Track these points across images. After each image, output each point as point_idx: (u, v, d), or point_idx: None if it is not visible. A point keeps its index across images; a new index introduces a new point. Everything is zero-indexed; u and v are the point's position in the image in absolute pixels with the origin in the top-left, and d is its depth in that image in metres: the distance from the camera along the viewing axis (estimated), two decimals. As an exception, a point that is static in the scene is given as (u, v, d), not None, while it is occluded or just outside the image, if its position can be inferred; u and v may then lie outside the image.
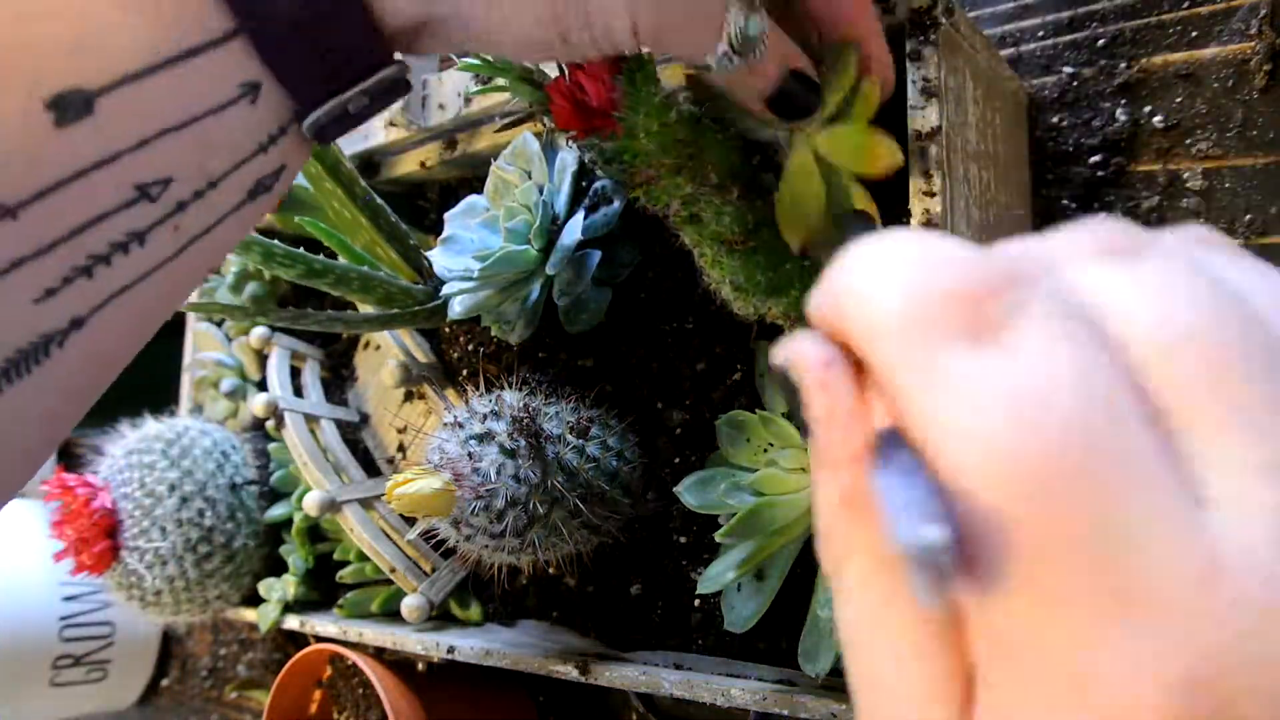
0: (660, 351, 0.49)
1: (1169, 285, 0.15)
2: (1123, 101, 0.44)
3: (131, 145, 0.24)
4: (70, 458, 0.90)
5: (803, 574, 0.42)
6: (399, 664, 0.58)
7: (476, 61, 0.42)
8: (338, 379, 0.67)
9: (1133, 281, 0.15)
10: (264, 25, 0.25)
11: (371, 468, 0.62)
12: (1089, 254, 0.16)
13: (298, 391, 0.64)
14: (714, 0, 0.30)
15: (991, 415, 0.14)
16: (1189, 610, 0.13)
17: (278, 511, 0.64)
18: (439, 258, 0.50)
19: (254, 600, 0.64)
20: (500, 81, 0.42)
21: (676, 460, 0.48)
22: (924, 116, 0.36)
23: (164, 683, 0.85)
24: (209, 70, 0.24)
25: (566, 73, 0.37)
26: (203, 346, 0.74)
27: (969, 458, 0.14)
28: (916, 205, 0.36)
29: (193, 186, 0.25)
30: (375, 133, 0.59)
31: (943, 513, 0.14)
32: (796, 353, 0.17)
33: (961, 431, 0.14)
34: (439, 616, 0.55)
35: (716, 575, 0.42)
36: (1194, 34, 0.42)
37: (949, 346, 0.15)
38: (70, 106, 0.23)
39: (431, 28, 0.29)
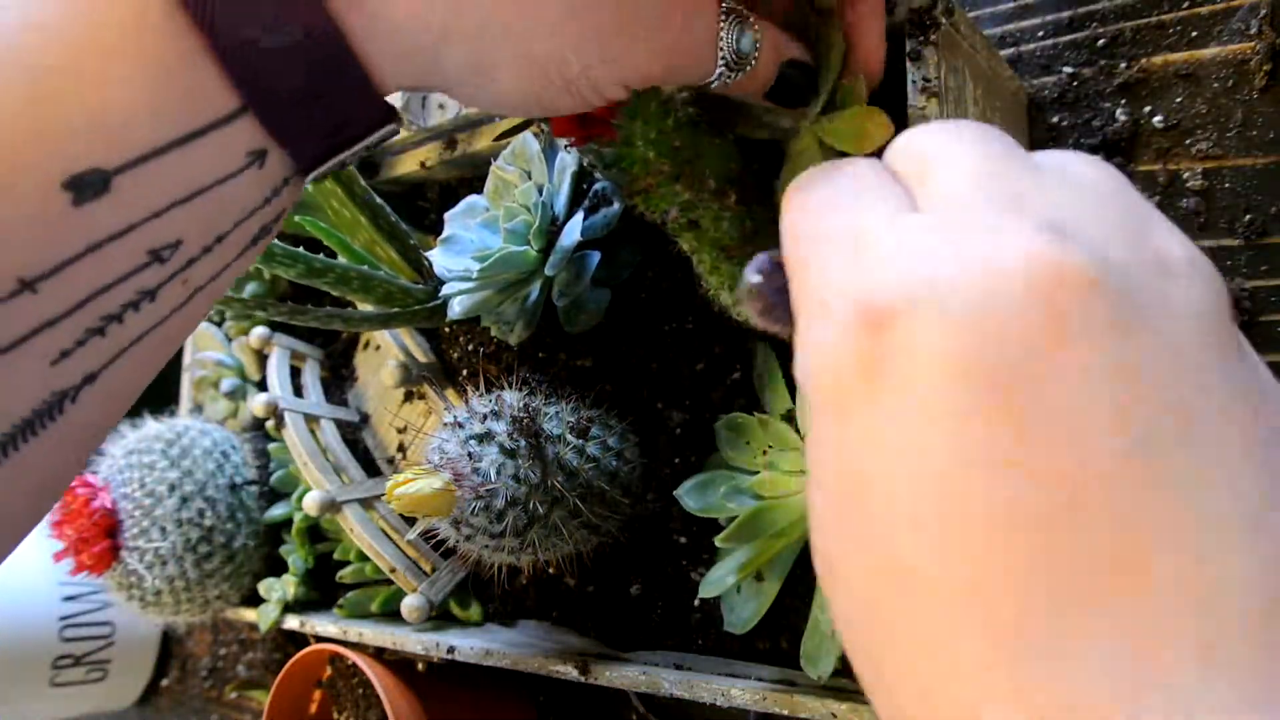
0: (660, 352, 0.49)
1: (929, 127, 0.23)
2: (1123, 101, 0.44)
3: (145, 217, 0.24)
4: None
5: (802, 575, 0.42)
6: (399, 664, 0.58)
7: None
8: (338, 379, 0.67)
9: (915, 130, 0.24)
10: (269, 101, 0.25)
11: (371, 468, 0.62)
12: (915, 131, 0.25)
13: (298, 391, 0.64)
14: (706, 28, 0.30)
15: (791, 212, 0.24)
16: (876, 257, 0.20)
17: (278, 511, 0.64)
18: (439, 258, 0.50)
19: (254, 600, 0.64)
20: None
21: (676, 460, 0.48)
22: (924, 116, 0.36)
23: (164, 683, 0.85)
24: (218, 144, 0.25)
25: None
26: (203, 346, 0.74)
27: (783, 237, 0.24)
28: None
29: (202, 244, 0.26)
30: (375, 133, 0.59)
31: (772, 271, 0.24)
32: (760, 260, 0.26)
33: (782, 227, 0.24)
34: (439, 616, 0.55)
35: (717, 580, 0.42)
36: (1194, 34, 0.42)
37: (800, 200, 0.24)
38: (89, 186, 0.23)
39: (429, 89, 0.30)
